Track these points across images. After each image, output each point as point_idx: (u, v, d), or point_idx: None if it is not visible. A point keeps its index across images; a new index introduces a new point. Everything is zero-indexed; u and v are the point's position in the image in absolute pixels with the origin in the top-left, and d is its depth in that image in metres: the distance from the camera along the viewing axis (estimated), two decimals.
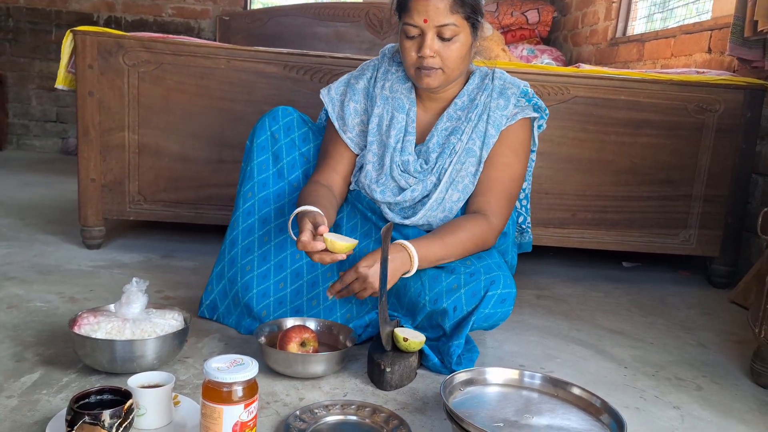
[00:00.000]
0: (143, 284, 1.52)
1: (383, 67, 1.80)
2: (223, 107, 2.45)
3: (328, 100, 1.82)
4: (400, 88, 1.77)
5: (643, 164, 2.52)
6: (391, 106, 1.76)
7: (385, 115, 1.76)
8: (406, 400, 1.46)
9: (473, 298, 1.57)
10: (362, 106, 1.80)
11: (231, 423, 1.11)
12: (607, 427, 1.27)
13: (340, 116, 1.80)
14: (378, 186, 1.75)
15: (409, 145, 1.74)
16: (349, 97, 1.80)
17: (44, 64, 5.64)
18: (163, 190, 2.47)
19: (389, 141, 1.74)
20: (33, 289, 2.01)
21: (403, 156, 1.74)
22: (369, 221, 1.82)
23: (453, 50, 1.61)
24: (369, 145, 1.77)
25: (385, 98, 1.77)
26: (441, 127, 1.74)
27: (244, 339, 1.74)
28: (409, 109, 1.76)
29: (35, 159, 5.23)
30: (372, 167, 1.76)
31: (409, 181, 1.73)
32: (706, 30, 3.24)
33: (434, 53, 1.60)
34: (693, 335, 2.09)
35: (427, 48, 1.59)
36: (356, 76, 1.83)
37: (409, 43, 1.63)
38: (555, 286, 2.53)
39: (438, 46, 1.60)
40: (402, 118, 1.75)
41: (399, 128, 1.74)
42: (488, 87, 1.74)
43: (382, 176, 1.75)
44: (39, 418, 1.25)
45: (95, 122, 2.39)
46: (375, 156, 1.77)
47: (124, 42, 2.36)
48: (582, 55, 4.70)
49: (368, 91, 1.80)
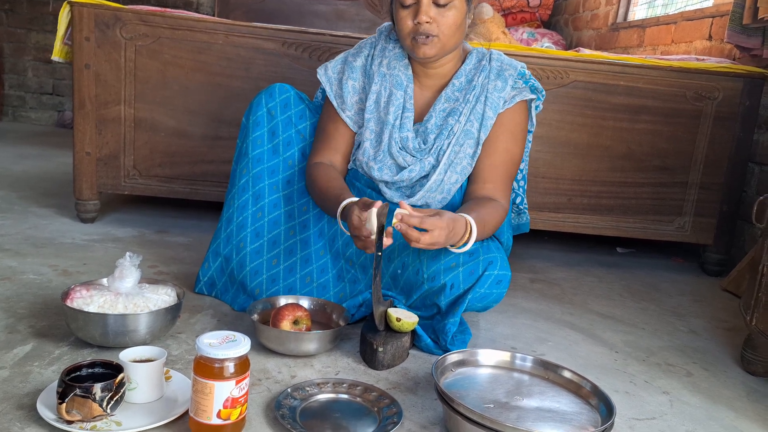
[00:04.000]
0: (136, 259, 1.51)
1: (380, 45, 1.79)
2: (221, 83, 2.43)
3: (326, 79, 1.81)
4: (398, 65, 1.76)
5: (640, 150, 2.52)
6: (389, 82, 1.75)
7: (383, 92, 1.75)
8: (397, 379, 1.47)
9: (470, 277, 1.58)
10: (360, 83, 1.79)
11: (222, 399, 1.11)
12: (596, 410, 1.28)
13: (339, 95, 1.79)
14: (376, 163, 1.74)
15: (407, 122, 1.74)
16: (347, 75, 1.79)
17: (41, 36, 5.59)
18: (159, 165, 2.46)
19: (388, 118, 1.73)
20: (26, 261, 2.00)
21: (402, 132, 1.73)
22: (362, 179, 1.82)
23: (449, 17, 1.61)
24: (366, 122, 1.76)
25: (383, 75, 1.76)
26: (439, 108, 1.73)
27: (237, 316, 1.74)
28: (407, 86, 1.75)
29: (31, 131, 5.20)
30: (370, 144, 1.76)
31: (407, 160, 1.72)
32: (707, 17, 3.23)
33: (431, 19, 1.60)
34: (684, 322, 2.10)
35: (424, 14, 1.59)
36: (353, 54, 1.81)
37: (405, 12, 1.63)
38: (549, 270, 2.54)
39: (434, 13, 1.60)
40: (400, 95, 1.74)
41: (397, 105, 1.73)
42: (485, 68, 1.74)
43: (380, 153, 1.74)
44: (30, 389, 1.25)
45: (91, 95, 2.37)
46: (373, 133, 1.76)
47: (122, 15, 2.34)
48: (582, 40, 4.68)
49: (366, 68, 1.79)
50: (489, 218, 1.60)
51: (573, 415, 1.25)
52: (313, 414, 1.27)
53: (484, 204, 1.64)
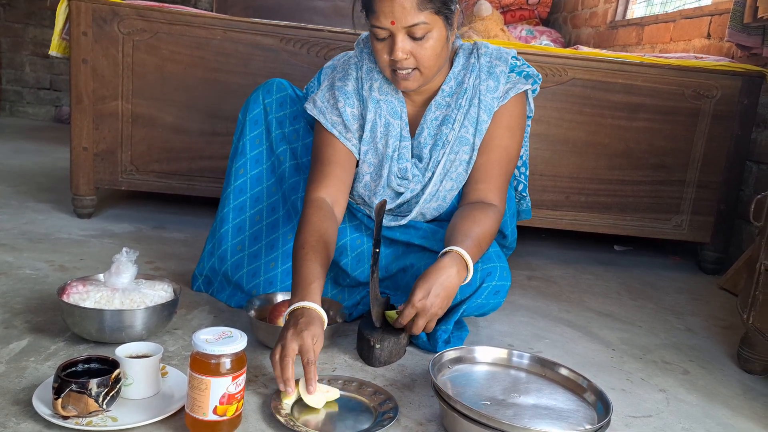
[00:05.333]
0: (133, 254, 1.51)
1: (365, 66, 1.66)
2: (218, 79, 2.42)
3: (317, 112, 1.65)
4: (389, 89, 1.65)
5: (638, 148, 2.52)
6: (384, 110, 1.64)
7: (378, 121, 1.64)
8: (394, 376, 1.47)
9: (468, 288, 1.56)
10: (358, 110, 1.66)
11: (218, 395, 1.11)
12: (592, 407, 1.27)
13: (339, 122, 1.64)
14: (376, 197, 1.67)
15: (405, 151, 1.65)
16: (343, 102, 1.64)
17: (38, 31, 5.57)
18: (156, 161, 2.46)
19: (387, 151, 1.64)
20: (23, 256, 2.00)
21: (401, 164, 1.65)
22: (359, 211, 1.77)
23: (427, 49, 1.48)
24: (363, 154, 1.66)
25: (376, 101, 1.64)
26: (430, 118, 1.65)
27: (234, 312, 1.74)
28: (402, 113, 1.65)
29: (28, 126, 5.19)
30: (370, 178, 1.67)
31: (407, 186, 1.67)
32: (706, 15, 3.22)
33: (407, 54, 1.48)
34: (681, 320, 2.10)
35: (399, 51, 1.47)
36: (340, 78, 1.67)
37: (380, 45, 1.51)
38: (546, 268, 2.54)
39: (410, 47, 1.48)
40: (397, 125, 1.65)
41: (395, 136, 1.64)
42: (475, 67, 1.64)
43: (379, 187, 1.66)
44: (26, 385, 1.25)
45: (88, 90, 2.37)
46: (371, 166, 1.67)
47: (120, 9, 2.33)
48: (581, 38, 4.68)
49: (359, 93, 1.66)
50: (483, 235, 1.52)
51: (570, 412, 1.25)
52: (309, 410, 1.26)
53: (475, 218, 1.55)
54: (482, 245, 1.53)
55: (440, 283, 1.43)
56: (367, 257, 1.73)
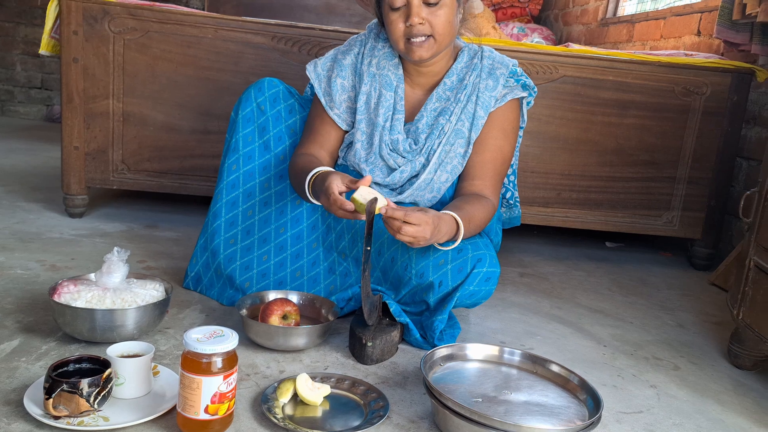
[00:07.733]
0: (124, 254, 1.51)
1: (370, 43, 1.77)
2: (210, 77, 2.42)
3: (315, 75, 1.78)
4: (387, 65, 1.74)
5: (629, 145, 2.52)
6: (379, 83, 1.73)
7: (373, 93, 1.74)
8: (386, 374, 1.47)
9: (459, 274, 1.58)
10: (350, 82, 1.77)
11: (210, 394, 1.11)
12: (583, 404, 1.28)
13: (327, 92, 1.76)
14: (367, 165, 1.73)
15: (398, 123, 1.72)
16: (336, 72, 1.76)
17: (29, 29, 5.54)
18: (147, 160, 2.46)
19: (378, 120, 1.71)
20: (14, 256, 1.99)
21: (392, 135, 1.72)
22: None
23: (440, 15, 1.58)
24: (357, 123, 1.74)
25: (372, 75, 1.74)
26: (430, 108, 1.72)
27: (226, 311, 1.74)
28: (397, 86, 1.73)
29: (19, 125, 5.16)
30: (361, 146, 1.74)
31: (397, 161, 1.71)
32: (696, 12, 3.24)
33: (423, 20, 1.57)
34: (672, 316, 2.11)
35: (415, 15, 1.56)
36: (343, 52, 1.79)
37: (395, 15, 1.60)
38: (538, 265, 2.55)
39: (425, 13, 1.57)
40: (390, 96, 1.72)
41: (387, 106, 1.72)
42: (477, 66, 1.72)
43: (371, 155, 1.73)
44: (17, 385, 1.25)
45: (79, 89, 2.36)
46: (364, 135, 1.74)
47: (110, 8, 2.33)
48: (572, 35, 4.69)
49: (356, 67, 1.77)
50: (477, 215, 1.58)
51: (561, 408, 1.26)
52: (301, 408, 1.27)
53: (471, 201, 1.63)
54: (473, 223, 1.56)
55: (436, 218, 1.44)
56: (362, 236, 1.74)
